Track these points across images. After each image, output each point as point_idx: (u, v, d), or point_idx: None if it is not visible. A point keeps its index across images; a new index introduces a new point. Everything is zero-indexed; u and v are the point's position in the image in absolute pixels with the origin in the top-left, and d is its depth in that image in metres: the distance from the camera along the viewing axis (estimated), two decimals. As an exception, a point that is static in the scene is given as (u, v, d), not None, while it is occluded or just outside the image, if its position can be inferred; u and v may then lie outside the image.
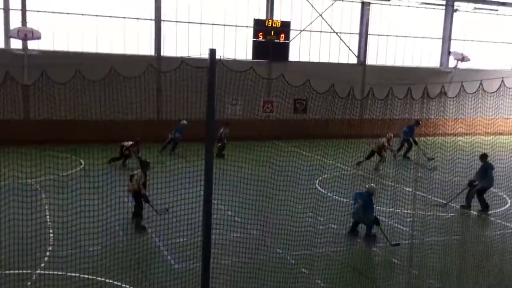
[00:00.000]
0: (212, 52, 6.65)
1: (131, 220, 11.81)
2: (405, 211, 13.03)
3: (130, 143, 18.35)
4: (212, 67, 6.60)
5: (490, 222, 13.46)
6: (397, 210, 13.04)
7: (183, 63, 8.33)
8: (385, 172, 18.44)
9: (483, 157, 14.40)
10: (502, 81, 9.34)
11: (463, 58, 31.30)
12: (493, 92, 9.68)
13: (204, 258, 6.99)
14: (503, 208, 15.03)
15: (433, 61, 32.94)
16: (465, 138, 20.66)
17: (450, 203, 13.68)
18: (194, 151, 14.48)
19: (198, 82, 9.89)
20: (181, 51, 25.80)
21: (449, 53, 32.35)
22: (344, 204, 13.25)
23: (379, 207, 13.70)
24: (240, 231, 10.49)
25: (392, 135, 20.56)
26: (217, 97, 6.78)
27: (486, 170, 14.14)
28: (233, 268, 9.27)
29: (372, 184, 12.28)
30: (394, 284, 9.47)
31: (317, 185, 16.09)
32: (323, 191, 15.44)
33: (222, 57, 7.32)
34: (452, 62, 32.33)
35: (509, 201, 15.88)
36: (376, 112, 18.59)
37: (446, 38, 32.63)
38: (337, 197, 13.83)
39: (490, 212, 14.25)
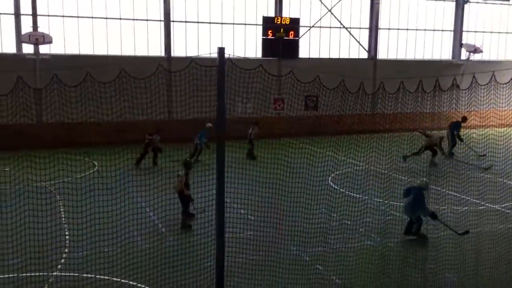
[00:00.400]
0: (221, 50, 6.67)
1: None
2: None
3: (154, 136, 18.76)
4: (221, 65, 6.62)
5: (505, 215, 13.31)
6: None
7: (192, 63, 8.37)
8: (398, 166, 18.28)
9: None
10: None
11: (475, 50, 30.97)
12: (506, 83, 9.51)
13: (218, 257, 7.03)
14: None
15: (445, 53, 32.64)
16: (479, 130, 20.47)
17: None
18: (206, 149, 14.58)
19: (208, 81, 9.91)
20: (191, 51, 25.89)
21: (461, 45, 32.02)
22: (358, 200, 13.19)
23: (393, 202, 13.64)
24: (254, 229, 10.50)
25: (445, 134, 20.27)
26: (227, 95, 6.79)
27: None
28: (247, 266, 9.28)
29: (424, 179, 11.98)
30: (409, 278, 9.41)
31: (330, 182, 16.05)
32: (336, 187, 15.40)
33: (231, 56, 7.33)
34: (464, 54, 32.02)
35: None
36: (388, 106, 18.47)
37: (458, 30, 32.30)
38: (350, 193, 13.79)
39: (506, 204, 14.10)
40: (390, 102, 18.53)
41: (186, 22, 26.33)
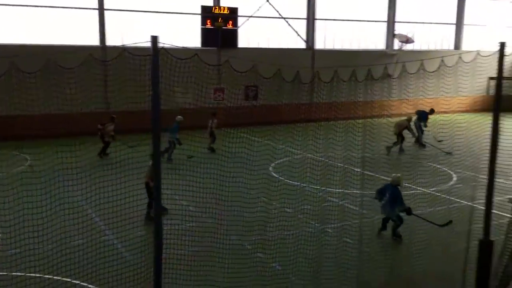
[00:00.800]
0: (154, 39, 6.48)
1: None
2: (355, 191, 13.30)
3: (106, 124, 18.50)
4: (154, 55, 6.44)
5: (436, 198, 13.93)
6: (347, 191, 13.30)
7: (125, 52, 8.13)
8: (334, 154, 18.71)
9: None
10: (442, 60, 9.52)
11: (407, 40, 32.13)
12: (433, 72, 9.88)
13: (156, 249, 6.89)
14: (449, 184, 15.62)
15: (379, 44, 33.65)
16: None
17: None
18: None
19: (144, 71, 9.66)
20: (128, 41, 25.17)
21: (394, 35, 33.11)
22: (297, 187, 13.36)
23: (329, 189, 13.96)
24: (195, 220, 10.41)
25: (412, 116, 20.77)
26: (164, 86, 6.63)
27: None
28: (187, 257, 9.19)
29: (396, 174, 11.54)
30: (347, 262, 9.67)
31: (270, 170, 16.21)
32: (276, 176, 15.55)
33: (166, 45, 7.14)
34: (397, 44, 33.14)
35: (454, 176, 16.49)
36: (324, 95, 18.81)
37: (391, 21, 33.36)
38: (290, 181, 13.97)
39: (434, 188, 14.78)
40: (326, 91, 18.91)
41: (121, 10, 25.55)
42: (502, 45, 6.08)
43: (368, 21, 32.87)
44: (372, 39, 33.27)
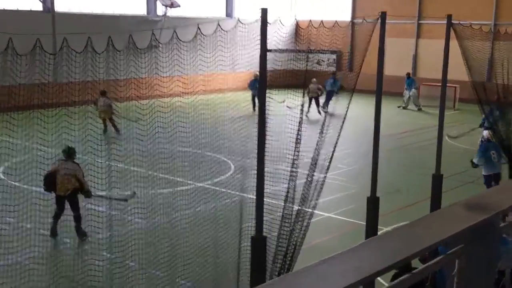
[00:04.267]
0: None
1: None
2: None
3: None
4: None
5: (213, 192, 14.50)
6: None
7: None
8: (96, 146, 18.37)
9: None
10: (198, 28, 9.82)
11: (172, 4, 33.13)
12: (189, 42, 10.08)
13: None
14: (227, 175, 16.67)
15: (139, 8, 34.05)
16: (185, 98, 22.09)
17: None
18: None
19: None
20: None
21: (156, -2, 33.88)
22: (44, 196, 12.58)
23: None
24: None
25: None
26: None
27: None
28: None
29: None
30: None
31: (1, 175, 15.28)
32: (11, 182, 14.60)
33: None
34: (161, 10, 33.96)
35: (232, 166, 17.63)
36: (75, 73, 18.19)
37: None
38: (31, 187, 13.16)
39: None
40: (79, 66, 18.27)
41: None
42: (264, 11, 6.64)
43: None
44: (131, 2, 33.51)
